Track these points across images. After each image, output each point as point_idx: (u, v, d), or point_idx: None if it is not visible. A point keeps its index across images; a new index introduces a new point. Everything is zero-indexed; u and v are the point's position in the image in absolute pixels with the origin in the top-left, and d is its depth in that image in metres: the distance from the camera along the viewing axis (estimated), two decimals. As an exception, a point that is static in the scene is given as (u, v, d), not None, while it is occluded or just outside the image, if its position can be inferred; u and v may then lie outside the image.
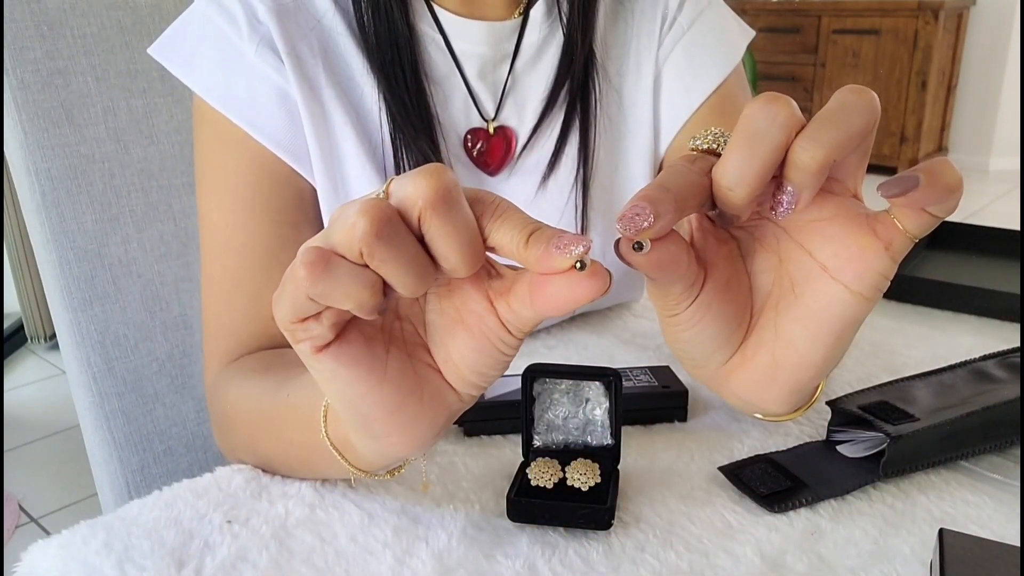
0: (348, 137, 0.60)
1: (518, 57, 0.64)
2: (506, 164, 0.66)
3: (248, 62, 0.59)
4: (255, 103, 0.59)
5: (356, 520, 0.45)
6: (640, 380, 0.56)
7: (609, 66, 0.68)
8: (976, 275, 0.78)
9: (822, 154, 0.31)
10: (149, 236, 0.76)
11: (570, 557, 0.42)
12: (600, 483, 0.44)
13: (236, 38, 0.58)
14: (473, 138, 0.64)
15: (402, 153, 0.61)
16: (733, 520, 0.45)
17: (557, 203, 0.67)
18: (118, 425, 0.74)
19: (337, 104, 0.60)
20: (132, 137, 0.75)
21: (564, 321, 0.74)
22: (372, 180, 0.61)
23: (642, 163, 0.69)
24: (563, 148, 0.65)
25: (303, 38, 0.59)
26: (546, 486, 0.44)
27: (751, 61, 3.46)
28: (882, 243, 0.36)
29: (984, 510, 0.46)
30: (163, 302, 0.77)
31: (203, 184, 0.61)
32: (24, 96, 0.68)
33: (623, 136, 0.69)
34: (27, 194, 0.70)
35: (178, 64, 0.60)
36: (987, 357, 0.57)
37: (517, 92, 0.65)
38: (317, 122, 0.59)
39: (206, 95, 0.59)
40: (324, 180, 0.60)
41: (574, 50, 0.64)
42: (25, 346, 2.55)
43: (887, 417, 0.49)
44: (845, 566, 0.41)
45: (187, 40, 0.60)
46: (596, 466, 0.45)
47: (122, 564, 0.41)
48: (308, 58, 0.59)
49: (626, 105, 0.69)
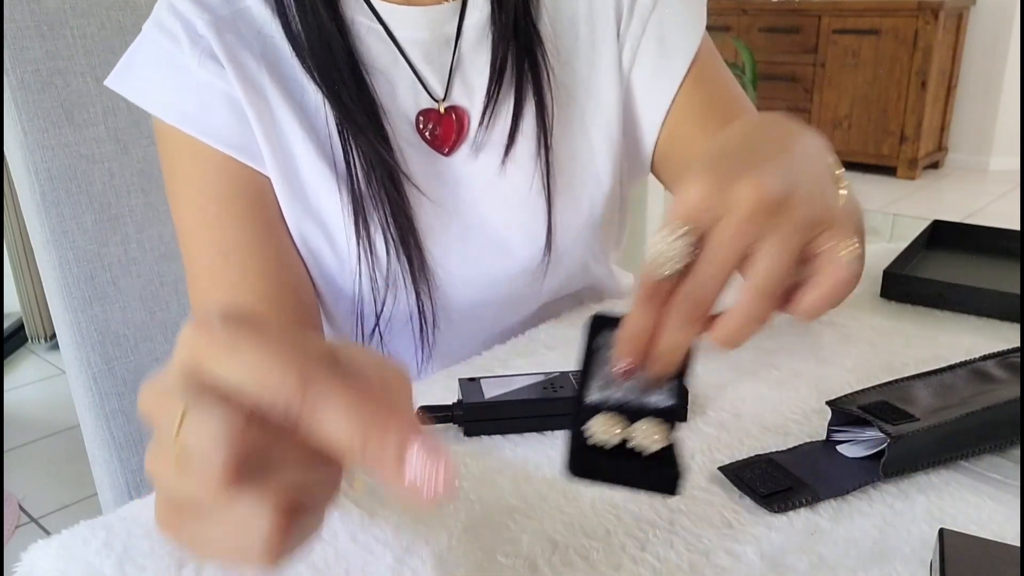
0: (296, 135, 0.62)
1: (461, 38, 0.66)
2: (460, 143, 0.67)
3: (193, 74, 0.61)
4: (205, 112, 0.61)
5: (356, 519, 0.45)
6: (640, 380, 0.56)
7: (558, 41, 0.68)
8: (976, 275, 0.78)
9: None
10: (149, 236, 0.76)
11: (570, 557, 0.42)
12: (665, 447, 0.40)
13: (179, 54, 0.61)
14: (424, 119, 0.65)
15: (351, 146, 0.62)
16: (733, 520, 0.45)
17: (520, 181, 0.68)
18: (118, 425, 0.75)
19: (283, 103, 0.62)
20: (132, 137, 0.75)
21: (565, 322, 0.74)
22: (324, 174, 0.63)
23: (604, 140, 0.70)
24: (518, 125, 0.66)
25: (245, 46, 0.62)
26: (604, 446, 0.40)
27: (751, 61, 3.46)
28: None
29: (984, 510, 0.46)
30: (163, 302, 0.77)
31: (174, 198, 0.64)
32: (24, 96, 0.68)
33: (583, 113, 0.70)
34: (27, 194, 0.70)
35: (133, 90, 0.63)
36: (987, 357, 0.57)
37: (464, 72, 0.67)
38: (264, 121, 0.62)
39: (161, 114, 0.61)
40: (278, 177, 0.62)
41: (516, 26, 0.66)
42: (25, 346, 2.55)
43: (887, 417, 0.49)
44: (845, 566, 0.41)
45: (139, 66, 0.63)
46: (664, 427, 0.40)
47: (122, 564, 0.41)
48: (250, 63, 0.62)
49: (580, 82, 0.69)
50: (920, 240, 0.87)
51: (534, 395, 0.54)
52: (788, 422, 0.55)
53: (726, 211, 0.35)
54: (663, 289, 0.36)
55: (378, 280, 0.64)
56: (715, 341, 0.37)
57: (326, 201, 0.63)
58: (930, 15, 4.09)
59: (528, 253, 0.69)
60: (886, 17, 4.24)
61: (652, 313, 0.37)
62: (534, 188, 0.68)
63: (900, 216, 3.70)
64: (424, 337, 0.68)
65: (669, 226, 0.36)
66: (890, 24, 4.22)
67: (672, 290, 0.36)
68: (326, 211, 0.63)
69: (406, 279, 0.64)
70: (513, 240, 0.68)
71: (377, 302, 0.65)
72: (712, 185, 0.36)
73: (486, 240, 0.68)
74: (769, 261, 0.35)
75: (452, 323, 0.69)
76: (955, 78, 4.47)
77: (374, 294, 0.64)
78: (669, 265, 0.36)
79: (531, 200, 0.68)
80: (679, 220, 0.36)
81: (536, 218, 0.68)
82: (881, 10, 4.24)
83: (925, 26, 4.12)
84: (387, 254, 0.63)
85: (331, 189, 0.63)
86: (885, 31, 4.24)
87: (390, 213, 0.63)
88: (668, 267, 0.36)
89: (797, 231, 0.36)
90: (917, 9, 4.12)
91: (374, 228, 0.63)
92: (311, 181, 0.63)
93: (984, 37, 4.42)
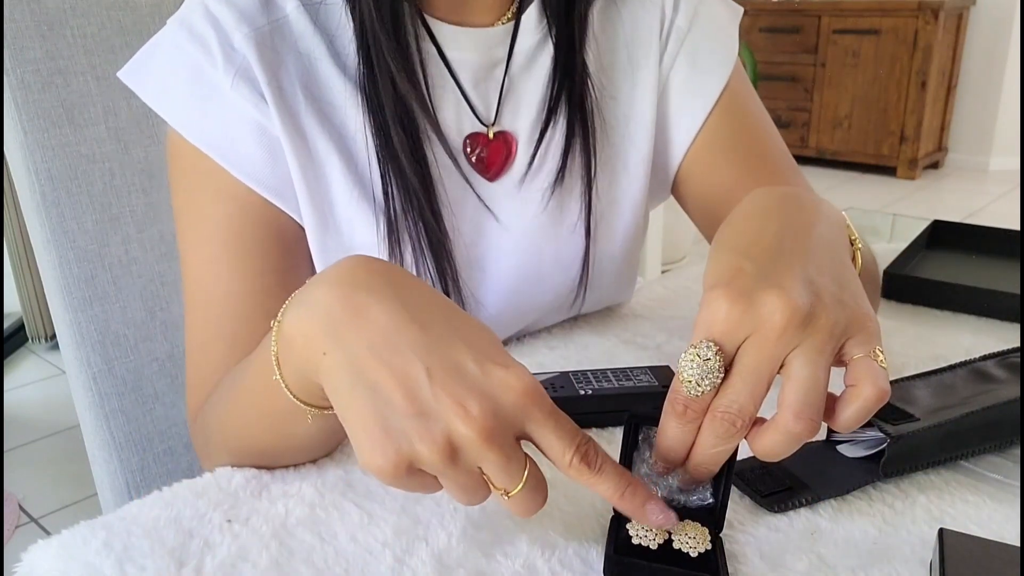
0: (334, 164, 0.58)
1: (512, 62, 0.63)
2: (505, 169, 0.64)
3: (223, 95, 0.56)
4: (232, 139, 0.56)
5: (356, 520, 0.45)
6: (640, 380, 0.56)
7: (602, 73, 0.67)
8: (976, 275, 0.78)
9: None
10: (149, 236, 0.76)
11: (570, 557, 0.42)
12: (710, 549, 0.40)
13: (210, 68, 0.56)
14: (472, 143, 0.63)
15: (389, 172, 0.59)
16: (733, 520, 0.45)
17: (562, 212, 0.66)
18: (118, 425, 0.74)
19: (320, 131, 0.58)
20: (132, 137, 0.75)
21: (566, 322, 0.74)
22: (360, 205, 0.59)
23: (640, 168, 0.69)
24: (568, 157, 0.64)
25: (280, 64, 0.57)
26: (650, 546, 0.41)
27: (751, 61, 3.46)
28: None
29: (984, 510, 0.46)
30: (163, 302, 0.77)
31: (183, 229, 0.59)
32: (24, 96, 0.68)
33: (622, 140, 0.68)
34: (27, 194, 0.70)
35: (151, 93, 0.58)
36: (987, 357, 0.57)
37: (513, 97, 0.64)
38: (300, 153, 0.57)
39: (182, 129, 0.56)
40: (311, 213, 0.58)
41: (569, 56, 0.63)
42: (25, 346, 2.55)
43: (887, 417, 0.49)
44: (845, 566, 0.41)
45: (159, 68, 0.58)
46: (706, 531, 0.41)
47: (122, 564, 0.41)
48: (287, 86, 0.57)
49: (622, 111, 0.68)
50: (920, 240, 0.87)
51: (534, 395, 0.54)
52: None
53: (755, 328, 0.36)
54: (697, 405, 0.38)
55: None
56: (756, 454, 0.38)
57: (360, 233, 0.60)
58: (930, 15, 4.09)
59: (562, 283, 0.68)
60: (886, 17, 4.24)
61: (689, 428, 0.38)
62: (576, 220, 0.66)
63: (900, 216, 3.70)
64: None
65: (699, 346, 0.37)
66: (890, 24, 4.23)
67: (706, 405, 0.38)
68: (359, 243, 0.60)
69: None
70: (547, 270, 0.67)
71: None
72: (738, 300, 0.37)
73: (521, 270, 0.66)
74: (805, 375, 0.37)
75: None
76: (955, 78, 4.47)
77: None
78: (703, 386, 0.37)
79: (571, 231, 0.66)
80: (709, 339, 0.37)
81: (573, 250, 0.67)
82: (881, 10, 4.24)
83: (925, 26, 4.12)
84: None
85: (367, 220, 0.59)
86: (885, 31, 4.24)
87: (427, 244, 0.60)
88: (702, 388, 0.37)
89: (828, 342, 0.37)
90: (917, 9, 4.12)
91: (409, 259, 0.60)
92: (346, 214, 0.59)
93: (984, 37, 4.42)
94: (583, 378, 0.56)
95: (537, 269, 0.66)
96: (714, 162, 0.69)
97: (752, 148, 0.69)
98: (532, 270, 0.66)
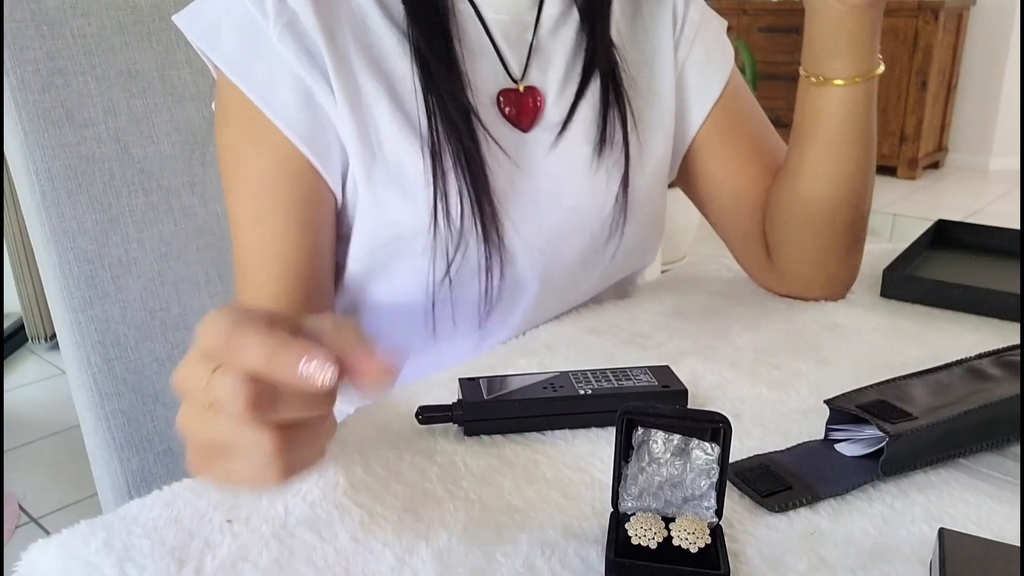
0: (383, 105, 0.63)
1: (540, 25, 0.70)
2: (537, 121, 0.70)
3: (269, 44, 0.60)
4: (274, 87, 0.61)
5: (357, 519, 0.45)
6: (640, 380, 0.56)
7: (626, 54, 0.74)
8: (976, 275, 0.78)
9: None
10: (149, 236, 0.76)
11: (570, 557, 0.42)
12: (709, 543, 0.41)
13: (260, 17, 0.60)
14: (505, 99, 0.68)
15: (435, 110, 0.64)
16: (733, 520, 0.45)
17: (603, 159, 0.71)
18: (118, 425, 0.75)
19: (368, 75, 0.63)
20: (132, 137, 0.75)
21: (566, 322, 0.74)
22: (408, 139, 0.63)
23: (664, 145, 0.75)
24: (607, 112, 0.71)
25: (334, 16, 0.62)
26: (649, 545, 0.41)
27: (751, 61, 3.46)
28: None
29: (983, 509, 0.46)
30: (163, 302, 0.77)
31: (233, 176, 0.65)
32: (24, 96, 0.68)
33: (647, 104, 0.75)
34: (27, 194, 0.70)
35: (200, 35, 0.62)
36: (982, 355, 0.57)
37: (541, 56, 0.70)
38: (351, 93, 0.62)
39: (225, 67, 0.61)
40: (359, 145, 0.63)
41: (595, 23, 0.71)
42: (25, 346, 2.55)
43: (885, 416, 0.49)
44: (845, 566, 0.41)
45: (210, 12, 0.62)
46: (704, 525, 0.41)
47: (122, 564, 0.41)
48: (340, 35, 0.62)
49: (642, 91, 0.74)
50: (923, 239, 0.87)
51: (534, 395, 0.54)
52: (787, 422, 0.55)
53: None
54: None
55: (452, 231, 0.65)
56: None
57: (408, 165, 0.64)
58: (930, 15, 4.09)
59: (596, 222, 0.72)
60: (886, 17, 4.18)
61: None
62: (613, 166, 0.72)
63: (900, 216, 3.70)
64: (488, 289, 0.69)
65: None
66: (890, 24, 4.22)
67: None
68: (407, 174, 0.64)
69: (478, 231, 0.66)
70: (585, 210, 0.72)
71: (449, 252, 0.66)
72: None
73: (559, 208, 0.70)
74: None
75: (519, 287, 0.71)
76: (955, 78, 4.47)
77: (447, 244, 0.66)
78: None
79: (607, 177, 0.71)
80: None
81: (607, 192, 0.72)
82: (881, 10, 4.23)
83: (925, 26, 4.12)
84: (460, 209, 0.65)
85: (414, 153, 0.64)
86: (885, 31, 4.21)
87: (468, 172, 0.64)
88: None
89: None
90: (917, 9, 4.12)
91: (451, 186, 0.64)
92: (393, 147, 0.64)
93: (984, 37, 4.42)
94: (583, 378, 0.56)
95: (574, 206, 0.71)
96: (721, 142, 0.78)
97: (754, 136, 0.78)
98: (569, 206, 0.71)
